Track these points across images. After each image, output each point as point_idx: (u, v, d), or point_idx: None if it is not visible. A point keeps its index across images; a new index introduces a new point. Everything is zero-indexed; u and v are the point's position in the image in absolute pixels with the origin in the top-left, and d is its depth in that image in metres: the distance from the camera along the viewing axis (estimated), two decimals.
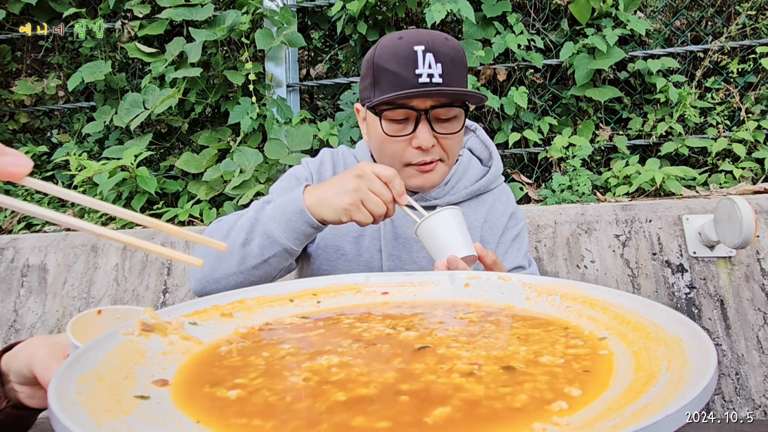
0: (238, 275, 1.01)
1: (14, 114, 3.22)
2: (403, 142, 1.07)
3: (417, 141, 1.05)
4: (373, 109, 1.08)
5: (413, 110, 1.04)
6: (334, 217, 0.95)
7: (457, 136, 1.10)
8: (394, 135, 1.06)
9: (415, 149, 1.07)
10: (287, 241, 0.98)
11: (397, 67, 1.03)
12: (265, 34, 2.61)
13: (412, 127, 1.05)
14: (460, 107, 1.07)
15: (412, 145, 1.06)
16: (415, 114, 1.04)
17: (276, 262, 1.01)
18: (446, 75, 1.03)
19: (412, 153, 1.07)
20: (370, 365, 0.54)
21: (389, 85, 1.03)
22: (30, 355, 0.77)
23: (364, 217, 0.93)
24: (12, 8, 3.04)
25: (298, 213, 0.97)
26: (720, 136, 2.49)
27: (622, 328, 0.58)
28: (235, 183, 2.40)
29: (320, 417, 0.43)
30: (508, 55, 2.69)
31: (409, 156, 1.08)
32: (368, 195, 0.93)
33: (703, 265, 1.88)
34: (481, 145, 1.28)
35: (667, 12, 2.84)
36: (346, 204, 0.93)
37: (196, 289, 1.05)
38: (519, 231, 1.25)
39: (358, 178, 0.94)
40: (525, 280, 0.76)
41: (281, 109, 2.64)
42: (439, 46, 1.04)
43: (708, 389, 0.38)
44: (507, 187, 1.29)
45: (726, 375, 1.76)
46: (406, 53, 1.03)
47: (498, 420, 0.41)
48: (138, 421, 0.43)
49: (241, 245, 1.00)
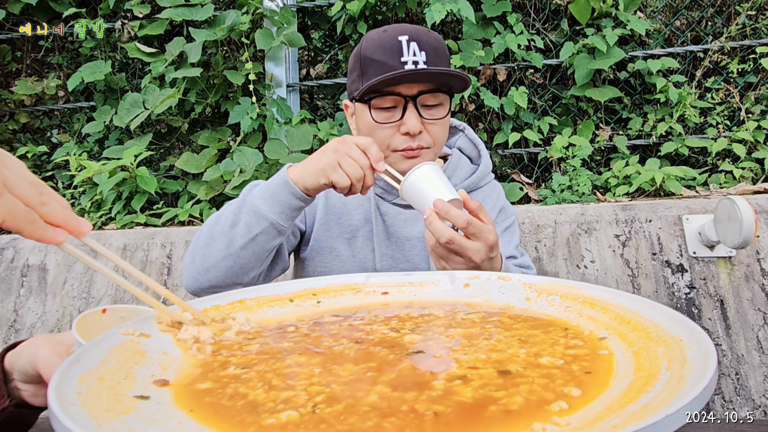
0: (227, 259, 1.01)
1: (14, 114, 3.22)
2: (391, 128, 1.09)
3: (405, 127, 1.07)
4: (361, 99, 1.10)
5: (400, 96, 1.07)
6: (313, 181, 0.97)
7: (443, 123, 1.13)
8: (383, 122, 1.09)
9: (402, 135, 1.09)
10: (273, 215, 0.99)
11: (383, 57, 1.06)
12: (265, 34, 2.61)
13: (400, 114, 1.08)
14: (446, 93, 1.11)
15: (400, 131, 1.09)
16: (402, 101, 1.08)
17: (263, 240, 1.01)
18: (430, 62, 1.07)
19: (399, 139, 1.10)
20: (365, 367, 0.54)
21: (376, 73, 1.06)
22: (34, 353, 0.77)
23: (341, 177, 0.95)
24: (12, 8, 3.04)
25: (282, 185, 0.99)
26: (720, 136, 2.49)
27: (622, 328, 0.58)
28: (235, 183, 2.40)
29: (320, 417, 0.43)
30: (508, 55, 2.69)
31: (397, 142, 1.10)
32: (345, 158, 0.95)
33: (703, 265, 1.88)
34: (470, 144, 1.30)
35: (667, 12, 2.84)
36: (323, 164, 0.96)
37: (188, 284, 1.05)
38: (509, 224, 1.26)
39: (336, 143, 0.97)
40: (525, 280, 0.76)
41: (281, 109, 2.64)
42: (422, 36, 1.08)
43: (708, 389, 0.38)
44: (497, 184, 1.31)
45: (726, 375, 1.76)
46: (391, 43, 1.07)
47: (496, 422, 0.41)
48: (138, 421, 0.43)
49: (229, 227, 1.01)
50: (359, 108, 1.13)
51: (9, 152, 0.53)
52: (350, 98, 1.18)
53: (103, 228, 2.54)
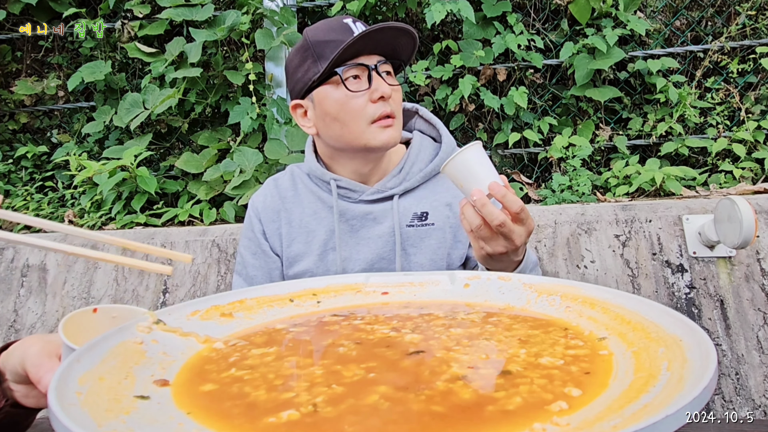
0: None
1: (14, 114, 3.22)
2: (363, 97, 1.10)
3: (378, 92, 1.09)
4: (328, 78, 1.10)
5: (364, 66, 1.10)
6: None
7: (400, 91, 1.17)
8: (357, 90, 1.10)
9: (375, 103, 1.10)
10: None
11: (336, 36, 1.09)
12: (265, 34, 2.61)
13: (367, 84, 1.10)
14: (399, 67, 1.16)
15: (372, 98, 1.10)
16: (366, 69, 1.10)
17: None
18: None
19: (373, 107, 1.10)
20: (366, 367, 0.54)
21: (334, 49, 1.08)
22: (23, 353, 0.77)
23: None
24: (12, 8, 3.04)
25: None
26: (720, 136, 2.49)
27: (622, 328, 0.58)
28: (235, 183, 2.40)
29: (319, 417, 0.43)
30: (508, 55, 2.69)
31: (372, 110, 1.10)
32: None
33: (703, 265, 1.88)
34: (427, 125, 1.30)
35: (667, 12, 2.84)
36: None
37: None
38: None
39: None
40: (525, 280, 0.76)
41: (281, 109, 2.64)
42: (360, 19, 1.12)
43: (708, 389, 0.38)
44: None
45: (726, 375, 1.76)
46: (338, 25, 1.11)
47: (496, 422, 0.41)
48: (138, 421, 0.43)
49: None
50: (322, 93, 1.12)
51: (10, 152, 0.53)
52: (302, 93, 1.16)
53: (103, 228, 2.54)
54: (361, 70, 1.10)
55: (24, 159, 3.06)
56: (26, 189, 2.95)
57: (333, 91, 1.11)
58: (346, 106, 1.10)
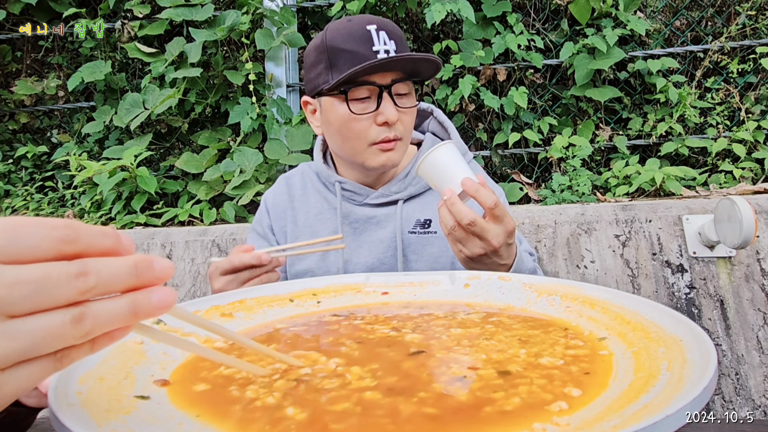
0: None
1: (14, 114, 3.22)
2: (368, 120, 1.07)
3: (383, 116, 1.05)
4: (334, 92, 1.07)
5: (375, 86, 1.05)
6: None
7: (413, 112, 1.12)
8: (360, 113, 1.06)
9: (379, 126, 1.07)
10: None
11: (354, 46, 1.03)
12: (265, 34, 2.61)
13: (375, 104, 1.06)
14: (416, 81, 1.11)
15: (376, 122, 1.07)
16: (376, 90, 1.05)
17: None
18: (399, 51, 1.06)
19: (376, 130, 1.07)
20: (365, 366, 0.54)
21: (348, 63, 1.03)
22: None
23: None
24: (12, 8, 3.04)
25: None
26: (720, 136, 2.49)
27: (622, 328, 0.58)
28: (235, 183, 2.40)
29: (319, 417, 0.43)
30: (508, 55, 2.69)
31: (374, 133, 1.07)
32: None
33: (703, 265, 1.88)
34: (440, 127, 1.28)
35: (667, 12, 2.84)
36: None
37: None
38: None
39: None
40: (525, 280, 0.76)
41: (281, 109, 2.64)
42: (388, 25, 1.06)
43: (708, 389, 0.38)
44: (475, 164, 1.28)
45: (726, 375, 1.76)
46: (360, 32, 1.04)
47: (495, 422, 0.41)
48: (138, 421, 0.42)
49: None
50: (329, 102, 1.09)
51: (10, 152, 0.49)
52: (314, 93, 1.13)
53: None
54: (371, 91, 1.06)
55: (24, 159, 3.07)
56: (26, 189, 2.95)
57: (339, 105, 1.07)
58: (349, 124, 1.07)
